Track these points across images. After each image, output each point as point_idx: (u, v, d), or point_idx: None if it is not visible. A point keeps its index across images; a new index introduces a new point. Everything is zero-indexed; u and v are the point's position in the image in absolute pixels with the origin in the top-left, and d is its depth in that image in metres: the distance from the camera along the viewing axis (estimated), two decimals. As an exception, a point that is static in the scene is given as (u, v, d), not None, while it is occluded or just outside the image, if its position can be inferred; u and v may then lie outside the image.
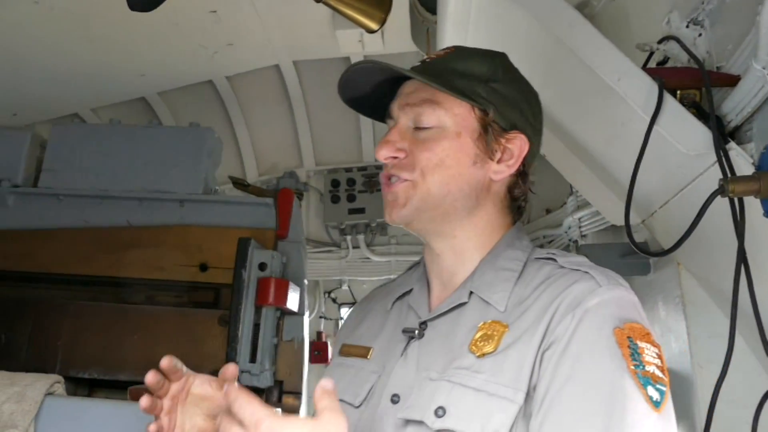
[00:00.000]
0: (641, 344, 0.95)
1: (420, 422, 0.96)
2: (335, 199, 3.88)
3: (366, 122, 3.82)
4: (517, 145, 1.12)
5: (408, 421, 0.99)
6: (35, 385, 1.42)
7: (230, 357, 1.84)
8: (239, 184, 2.36)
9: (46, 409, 1.39)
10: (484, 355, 0.98)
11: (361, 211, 3.84)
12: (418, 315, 1.12)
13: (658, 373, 0.93)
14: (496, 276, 1.08)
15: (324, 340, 3.84)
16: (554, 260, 1.08)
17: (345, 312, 4.08)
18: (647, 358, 0.94)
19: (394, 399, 1.03)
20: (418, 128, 1.11)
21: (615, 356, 0.92)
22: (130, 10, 1.68)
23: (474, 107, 1.10)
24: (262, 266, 1.95)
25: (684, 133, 1.38)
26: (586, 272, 1.01)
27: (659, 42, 1.74)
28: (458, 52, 1.17)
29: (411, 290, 1.19)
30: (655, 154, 1.43)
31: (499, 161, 1.11)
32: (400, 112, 1.14)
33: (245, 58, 3.46)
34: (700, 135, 1.36)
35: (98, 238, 2.10)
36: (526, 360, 0.95)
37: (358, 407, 1.07)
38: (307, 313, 2.54)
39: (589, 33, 1.56)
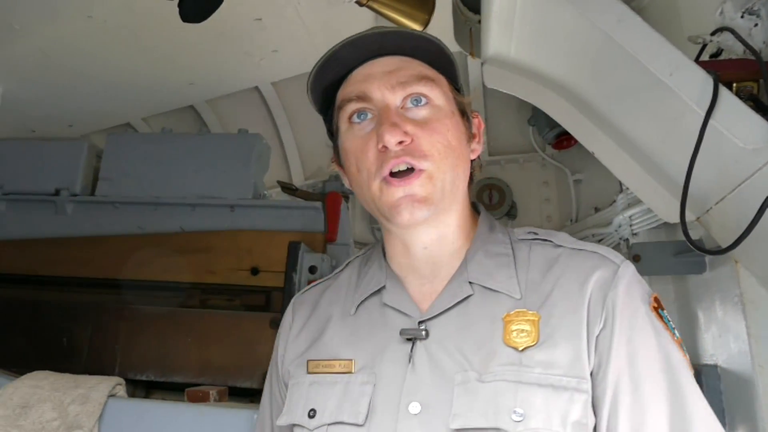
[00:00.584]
0: (663, 312, 0.99)
1: (489, 429, 0.90)
2: (380, 201, 3.89)
3: (408, 123, 3.82)
4: (477, 124, 1.12)
5: (461, 430, 0.91)
6: (98, 387, 1.47)
7: (282, 359, 1.86)
8: (287, 188, 2.39)
9: (109, 410, 1.43)
10: (526, 348, 0.94)
11: (406, 212, 3.83)
12: (406, 314, 1.03)
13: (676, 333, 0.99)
14: (494, 262, 1.04)
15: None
16: (545, 240, 1.06)
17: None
18: (670, 324, 0.98)
19: (413, 409, 0.95)
20: (407, 109, 1.02)
21: (659, 331, 0.96)
22: (183, 21, 1.72)
23: (451, 86, 1.08)
24: (312, 269, 1.97)
25: (741, 127, 1.35)
26: (594, 252, 1.02)
27: (712, 34, 1.70)
28: (423, 34, 1.06)
29: (381, 288, 1.09)
30: (711, 149, 1.39)
31: (472, 140, 1.10)
32: (387, 91, 1.02)
33: (290, 64, 3.50)
34: (759, 128, 1.32)
35: (153, 244, 2.16)
36: (578, 349, 0.94)
37: (363, 425, 0.97)
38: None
39: (639, 27, 1.54)
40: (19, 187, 2.26)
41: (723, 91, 1.38)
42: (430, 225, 1.03)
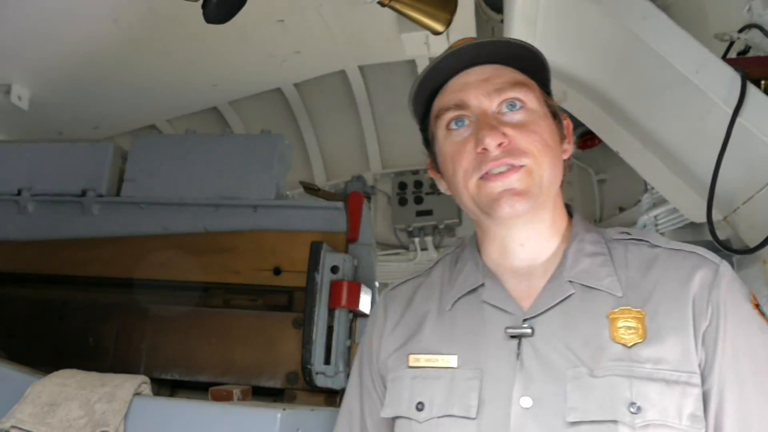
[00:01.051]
0: (763, 309, 1.03)
1: (607, 422, 0.94)
2: (403, 202, 3.88)
3: (432, 124, 3.81)
4: (567, 126, 1.17)
5: (579, 423, 0.95)
6: (124, 385, 1.48)
7: (305, 359, 1.87)
8: (310, 188, 2.40)
9: (135, 408, 1.44)
10: (634, 344, 0.98)
11: (428, 213, 3.83)
12: (508, 312, 1.07)
13: None
14: (592, 261, 1.08)
15: None
16: (641, 240, 1.10)
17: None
18: None
19: (525, 403, 0.99)
20: (503, 114, 1.08)
21: (763, 327, 1.00)
22: (206, 22, 1.74)
23: (542, 90, 1.14)
24: (334, 269, 1.98)
25: (770, 125, 1.33)
26: (693, 252, 1.06)
27: (740, 31, 1.68)
28: (517, 42, 1.12)
29: (479, 286, 1.13)
30: (738, 147, 1.37)
31: (565, 141, 1.16)
32: (483, 98, 1.08)
33: (312, 65, 3.52)
34: (788, 126, 1.30)
35: (177, 244, 2.17)
36: (686, 345, 0.98)
37: (474, 419, 1.01)
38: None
39: (665, 24, 1.52)
40: (47, 188, 2.29)
41: (751, 88, 1.36)
42: (527, 221, 1.09)
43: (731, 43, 1.72)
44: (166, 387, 2.16)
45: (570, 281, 1.06)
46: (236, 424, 1.41)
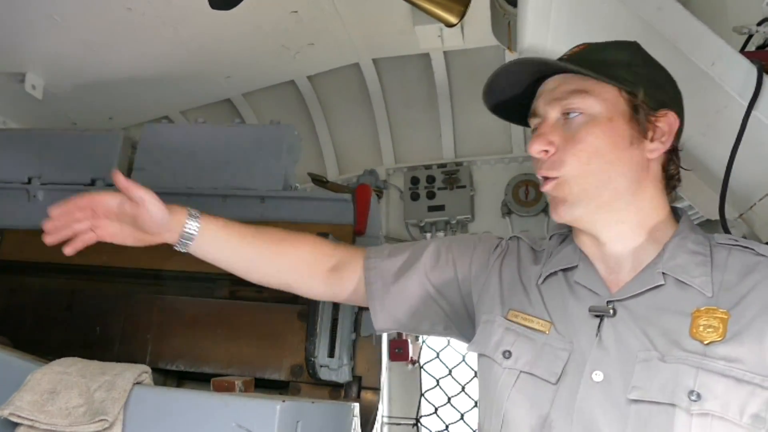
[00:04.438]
0: None
1: (664, 404, 0.99)
2: (415, 197, 3.85)
3: (446, 119, 3.78)
4: (668, 122, 1.15)
5: (637, 402, 1.01)
6: (124, 374, 1.48)
7: (309, 351, 1.85)
8: (318, 180, 2.38)
9: (134, 397, 1.44)
10: (711, 343, 1.00)
11: (440, 208, 3.79)
12: (596, 294, 1.13)
13: None
14: (690, 259, 1.10)
15: (404, 338, 3.83)
16: (747, 248, 1.11)
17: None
18: None
19: (596, 377, 1.05)
20: (567, 121, 1.14)
21: None
22: (212, 8, 1.72)
23: (621, 90, 1.13)
24: (340, 262, 1.95)
25: (787, 119, 1.28)
26: None
27: (759, 24, 1.64)
28: (592, 45, 1.20)
29: (573, 267, 1.19)
30: (754, 142, 1.33)
31: (652, 140, 1.14)
32: (547, 107, 1.16)
33: (326, 58, 3.50)
34: (806, 120, 1.26)
35: (184, 235, 2.16)
36: (766, 348, 0.98)
37: (555, 384, 1.09)
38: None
39: (680, 15, 1.48)
40: (57, 176, 2.30)
41: (767, 81, 1.32)
42: (593, 223, 1.16)
43: (750, 37, 1.67)
44: (173, 378, 2.17)
45: (663, 273, 1.10)
46: (236, 414, 1.40)
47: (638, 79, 1.15)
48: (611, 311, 1.09)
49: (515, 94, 1.22)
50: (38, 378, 1.44)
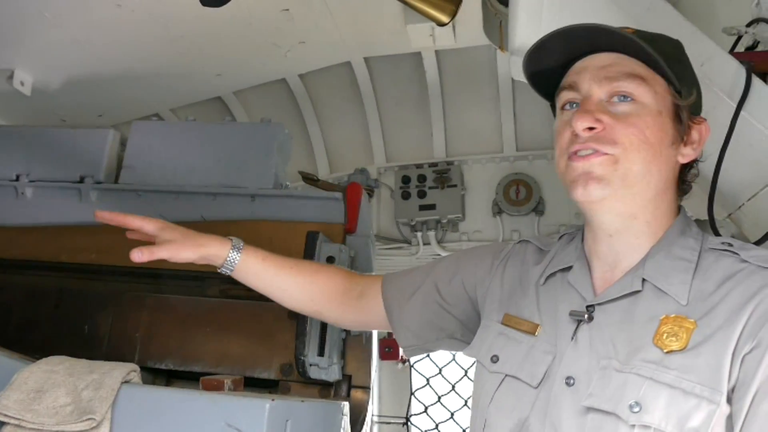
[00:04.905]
0: None
1: (610, 414, 0.98)
2: (406, 196, 3.86)
3: (437, 118, 3.79)
4: (702, 130, 1.13)
5: (591, 409, 1.01)
6: (112, 373, 1.46)
7: (299, 350, 1.85)
8: (309, 179, 2.38)
9: (123, 396, 1.42)
10: (671, 351, 0.98)
11: (431, 207, 3.80)
12: (582, 296, 1.12)
13: None
14: (673, 266, 1.07)
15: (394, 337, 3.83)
16: (735, 253, 1.05)
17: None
18: None
19: (569, 382, 1.05)
20: (612, 104, 1.08)
21: None
22: (202, 5, 1.72)
23: (671, 87, 1.09)
24: (330, 260, 1.95)
25: (776, 120, 1.29)
26: None
27: (748, 25, 1.65)
28: (641, 32, 1.11)
29: (570, 267, 1.18)
30: (743, 142, 1.34)
31: (686, 144, 1.11)
32: (594, 84, 1.09)
33: (317, 56, 3.49)
34: (793, 121, 1.27)
35: (174, 233, 2.15)
36: (722, 361, 0.95)
37: (536, 388, 1.09)
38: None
39: (670, 16, 1.49)
40: (45, 174, 2.28)
41: (756, 81, 1.33)
42: (608, 210, 1.10)
43: (739, 38, 1.68)
44: (161, 377, 2.15)
45: (644, 279, 1.07)
46: (225, 413, 1.39)
47: (686, 79, 1.11)
48: (586, 316, 1.09)
49: (550, 66, 1.17)
50: (25, 377, 1.43)
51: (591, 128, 1.06)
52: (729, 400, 0.94)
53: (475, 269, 1.37)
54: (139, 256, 1.41)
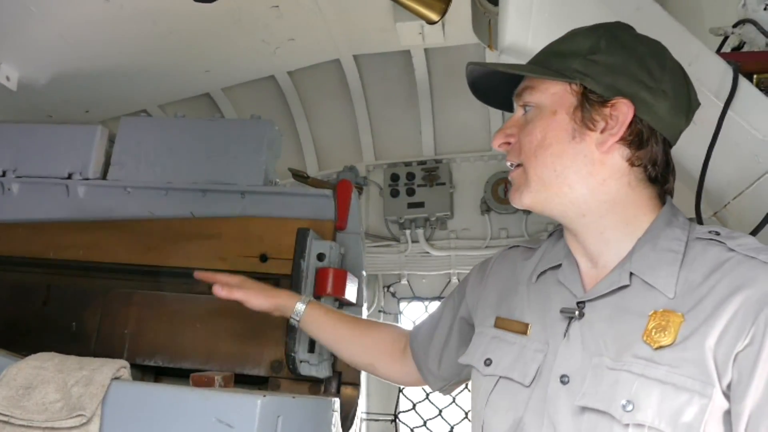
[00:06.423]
0: None
1: (603, 413, 0.99)
2: (395, 194, 3.87)
3: (426, 117, 3.80)
4: (621, 111, 1.08)
5: (586, 409, 1.01)
6: (102, 369, 1.46)
7: (289, 346, 1.85)
8: (299, 176, 2.38)
9: (112, 392, 1.42)
10: (661, 347, 0.98)
11: (420, 205, 3.81)
12: (572, 294, 1.13)
13: None
14: (659, 258, 1.06)
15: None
16: (721, 243, 1.04)
17: (404, 306, 4.06)
18: None
19: (563, 380, 1.06)
20: (525, 115, 1.17)
21: None
22: (194, 0, 1.71)
23: (570, 84, 1.11)
24: (320, 256, 1.95)
25: (761, 119, 1.32)
26: (766, 263, 0.98)
27: (734, 26, 1.67)
28: (567, 34, 1.20)
29: (559, 265, 1.20)
30: (729, 141, 1.36)
31: (602, 131, 1.09)
32: (515, 103, 1.21)
33: (306, 53, 3.49)
34: (779, 120, 1.29)
35: (163, 229, 2.14)
36: (709, 353, 0.95)
37: (528, 386, 1.11)
38: (365, 306, 2.54)
39: (658, 16, 1.51)
40: (32, 170, 2.26)
41: (743, 81, 1.35)
42: (550, 212, 1.15)
43: (725, 38, 1.70)
44: (150, 373, 2.14)
45: (632, 273, 1.08)
46: (216, 409, 1.39)
47: (590, 68, 1.10)
48: (577, 312, 1.10)
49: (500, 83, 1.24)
50: (14, 373, 1.42)
51: (508, 143, 1.18)
52: (725, 396, 0.94)
53: (472, 291, 1.42)
54: (220, 291, 1.65)
